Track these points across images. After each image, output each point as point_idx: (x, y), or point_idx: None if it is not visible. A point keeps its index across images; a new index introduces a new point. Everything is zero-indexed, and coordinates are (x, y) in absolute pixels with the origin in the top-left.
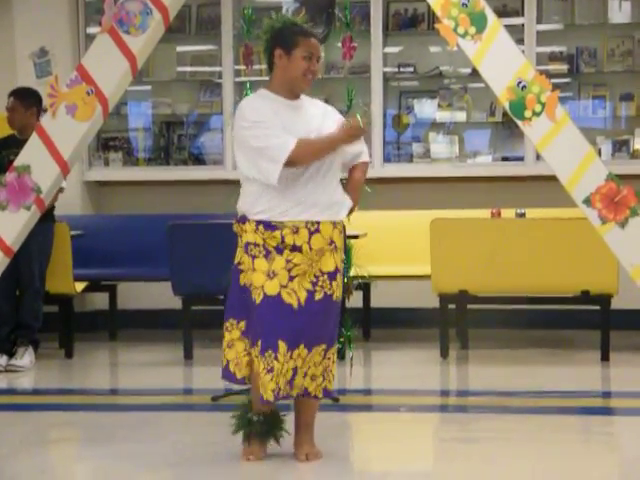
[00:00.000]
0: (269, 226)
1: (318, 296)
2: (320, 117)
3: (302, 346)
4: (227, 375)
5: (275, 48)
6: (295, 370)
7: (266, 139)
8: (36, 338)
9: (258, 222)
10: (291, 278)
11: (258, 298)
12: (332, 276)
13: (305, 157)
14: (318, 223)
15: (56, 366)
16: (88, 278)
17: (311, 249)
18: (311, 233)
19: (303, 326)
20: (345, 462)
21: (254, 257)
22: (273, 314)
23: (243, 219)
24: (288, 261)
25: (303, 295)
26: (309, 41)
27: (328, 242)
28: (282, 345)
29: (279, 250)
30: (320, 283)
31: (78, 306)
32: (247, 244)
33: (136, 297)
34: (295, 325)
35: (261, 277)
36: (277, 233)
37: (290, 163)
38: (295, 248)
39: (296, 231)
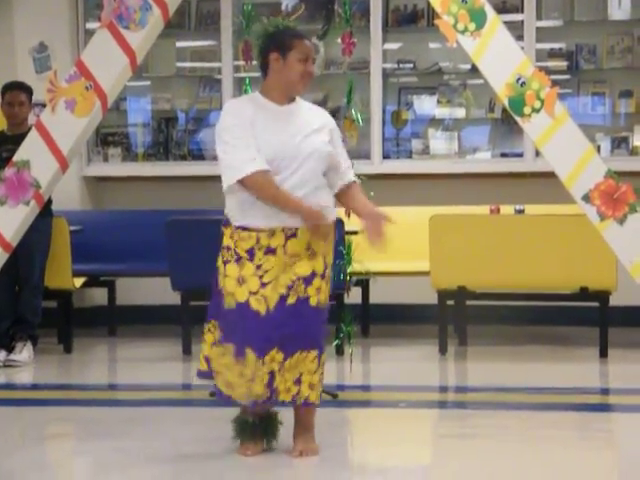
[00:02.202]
0: (245, 229)
1: (290, 300)
2: (317, 126)
3: (275, 349)
4: (206, 374)
5: (270, 52)
6: (272, 374)
7: (232, 150)
8: (35, 333)
9: (236, 227)
10: (263, 285)
11: (228, 304)
12: (308, 281)
13: (257, 191)
14: (296, 228)
15: (55, 361)
16: (87, 273)
17: (285, 253)
18: (287, 237)
19: (272, 331)
20: (343, 458)
21: (226, 262)
22: (241, 321)
23: (226, 222)
24: (258, 267)
25: (274, 300)
26: (304, 43)
27: (305, 247)
28: (250, 353)
29: (251, 254)
30: (294, 287)
31: (77, 301)
32: (222, 247)
33: (135, 292)
34: (263, 332)
35: (232, 283)
36: (253, 234)
37: (243, 184)
38: (269, 250)
39: (272, 234)
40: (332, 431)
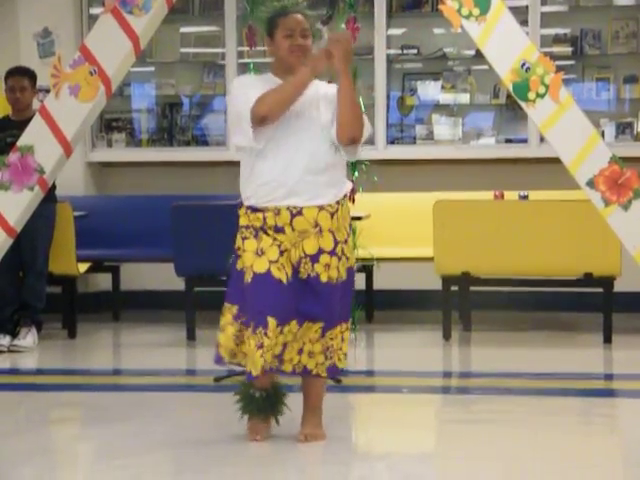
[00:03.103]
0: (254, 209)
1: (301, 275)
2: (321, 102)
3: (294, 322)
4: (217, 359)
5: (265, 37)
6: (285, 345)
7: (245, 103)
8: (39, 318)
9: (247, 207)
10: (281, 253)
11: (249, 277)
12: (314, 258)
13: (270, 105)
14: (301, 207)
15: (59, 347)
16: (91, 259)
17: (293, 230)
18: (293, 215)
19: (293, 301)
20: (347, 443)
21: (244, 239)
22: (263, 290)
23: (240, 203)
24: (275, 239)
25: (290, 271)
26: (287, 19)
27: (312, 225)
28: (272, 321)
29: (264, 230)
30: (302, 264)
31: (81, 287)
32: (240, 227)
33: (139, 278)
34: (285, 299)
35: (250, 256)
36: (260, 215)
37: (258, 119)
38: (278, 229)
39: (277, 213)
40: (336, 416)
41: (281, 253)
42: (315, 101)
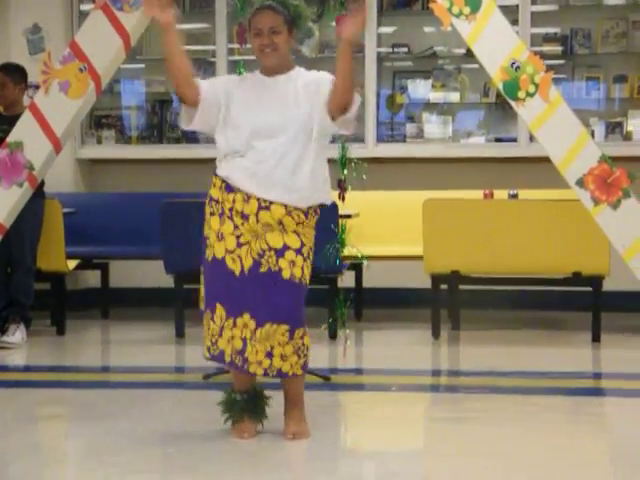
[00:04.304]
0: (228, 187)
1: (262, 269)
2: (297, 93)
3: (247, 315)
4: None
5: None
6: (245, 341)
7: None
8: (28, 315)
9: (222, 180)
10: (239, 244)
11: (209, 257)
12: (279, 253)
13: (171, 80)
14: (270, 202)
15: (48, 343)
16: (80, 256)
17: (258, 221)
18: (260, 207)
19: (245, 293)
20: (335, 441)
21: (212, 214)
22: (215, 276)
23: (215, 172)
24: (236, 227)
25: (249, 263)
26: (256, 17)
27: (277, 222)
28: (219, 307)
29: (230, 213)
30: (266, 257)
31: (70, 284)
32: (210, 198)
33: (128, 275)
34: (235, 291)
35: (213, 235)
36: (231, 196)
37: (182, 100)
38: (243, 216)
39: (247, 199)
40: (324, 414)
41: (239, 245)
42: (293, 95)
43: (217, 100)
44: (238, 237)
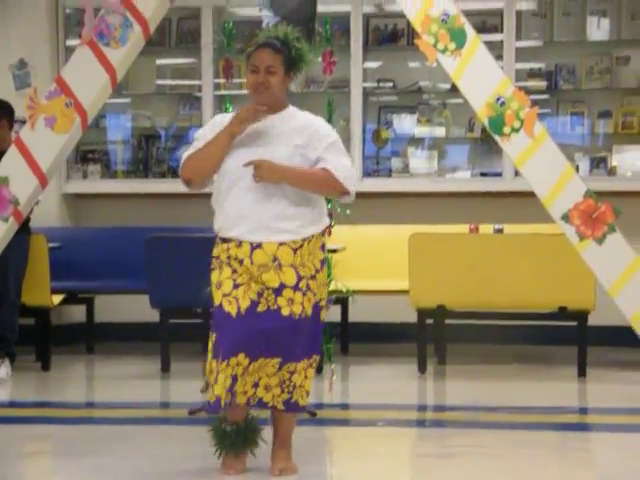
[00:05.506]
0: (223, 239)
1: (261, 308)
2: (284, 136)
3: (242, 355)
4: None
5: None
6: (234, 378)
7: (186, 152)
8: (12, 350)
9: (219, 237)
10: (236, 286)
11: (212, 308)
12: (277, 292)
13: (192, 171)
14: (260, 242)
15: (33, 379)
16: (65, 291)
17: (252, 263)
18: (253, 248)
19: (241, 334)
20: (321, 477)
21: (212, 269)
22: (216, 324)
23: (215, 233)
24: (234, 271)
25: (245, 304)
26: (255, 54)
27: (271, 259)
28: (220, 357)
29: (228, 261)
30: (265, 296)
31: (55, 319)
32: (212, 258)
33: (114, 310)
34: (232, 334)
35: (214, 289)
36: (225, 246)
37: (184, 181)
38: (239, 261)
39: (239, 245)
40: (311, 449)
41: (236, 286)
42: (285, 135)
43: None
44: (234, 280)
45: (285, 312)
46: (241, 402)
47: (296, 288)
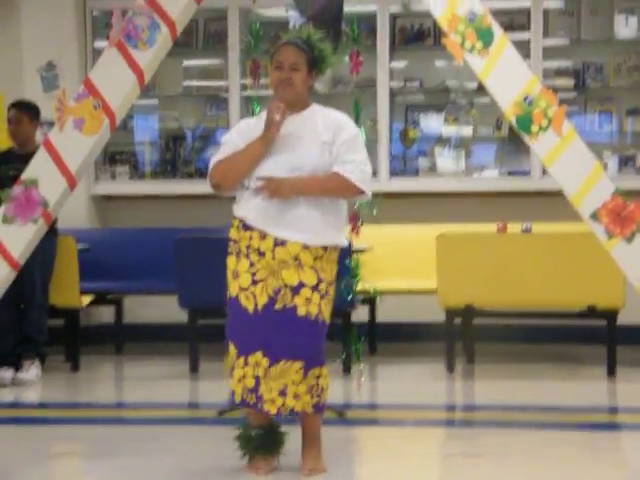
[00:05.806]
0: (244, 226)
1: (277, 306)
2: (310, 135)
3: (259, 354)
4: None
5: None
6: (257, 380)
7: (216, 156)
8: (42, 351)
9: (240, 219)
10: (254, 282)
11: (228, 295)
12: (295, 290)
13: (222, 176)
14: (285, 239)
15: (62, 380)
16: (94, 292)
17: (274, 258)
18: (276, 244)
19: (257, 331)
20: (350, 477)
21: (229, 254)
22: (231, 314)
23: (233, 212)
24: (252, 264)
25: (263, 300)
26: (280, 50)
27: (293, 258)
28: (232, 348)
29: (247, 251)
30: (282, 293)
31: (84, 320)
32: (230, 238)
33: (142, 311)
34: (247, 330)
35: (229, 275)
36: (247, 234)
37: (213, 186)
38: (260, 253)
39: (263, 237)
40: (339, 449)
41: (254, 282)
42: (310, 134)
43: None
44: (253, 274)
45: (301, 312)
46: (272, 412)
47: (315, 289)
